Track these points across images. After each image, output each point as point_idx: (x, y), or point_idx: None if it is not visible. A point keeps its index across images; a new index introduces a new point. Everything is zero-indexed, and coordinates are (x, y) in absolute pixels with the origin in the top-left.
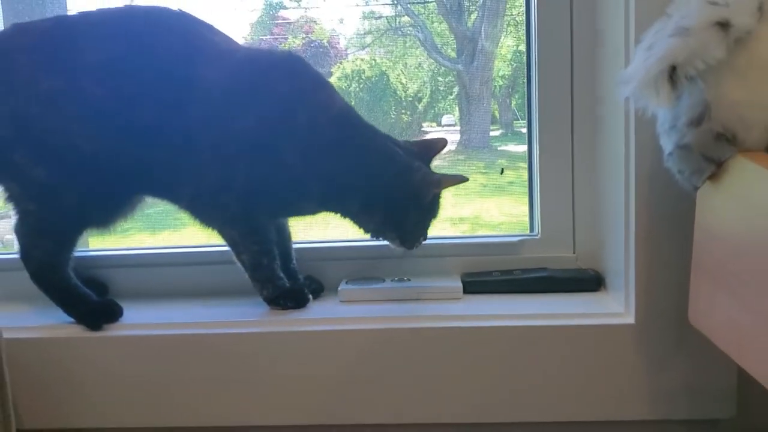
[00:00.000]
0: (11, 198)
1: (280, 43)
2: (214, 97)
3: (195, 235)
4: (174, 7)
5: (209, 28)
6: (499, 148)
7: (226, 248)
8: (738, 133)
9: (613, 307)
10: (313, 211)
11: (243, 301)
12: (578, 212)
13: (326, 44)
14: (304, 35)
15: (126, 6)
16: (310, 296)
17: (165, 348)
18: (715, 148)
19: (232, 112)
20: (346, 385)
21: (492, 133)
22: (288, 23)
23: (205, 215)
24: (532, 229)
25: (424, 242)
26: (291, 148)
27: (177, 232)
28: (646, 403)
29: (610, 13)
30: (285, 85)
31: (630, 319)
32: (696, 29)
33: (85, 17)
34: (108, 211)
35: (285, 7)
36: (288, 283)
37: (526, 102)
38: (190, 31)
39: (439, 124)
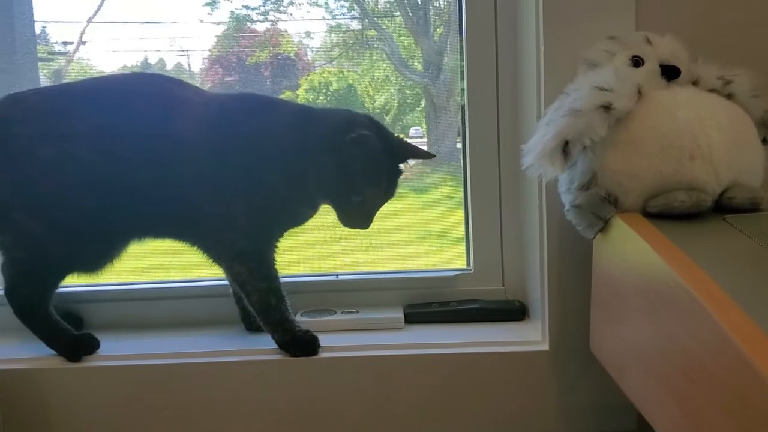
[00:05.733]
0: (2, 246)
1: (248, 56)
2: (198, 150)
3: (164, 246)
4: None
5: (180, 84)
6: None
7: (195, 283)
8: (618, 197)
9: (533, 336)
10: (312, 214)
11: (212, 333)
12: (506, 250)
13: (293, 57)
14: (271, 48)
15: (107, 77)
16: (320, 344)
17: (139, 377)
18: (601, 209)
19: (215, 160)
20: (300, 409)
21: (459, 145)
22: (255, 36)
23: (213, 253)
24: (467, 264)
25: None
26: (274, 175)
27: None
28: (559, 419)
29: (527, 82)
30: (247, 124)
31: (545, 347)
32: (584, 111)
33: (71, 89)
34: (99, 258)
35: (252, 20)
36: (299, 326)
37: (462, 159)
38: (166, 92)
39: (408, 136)
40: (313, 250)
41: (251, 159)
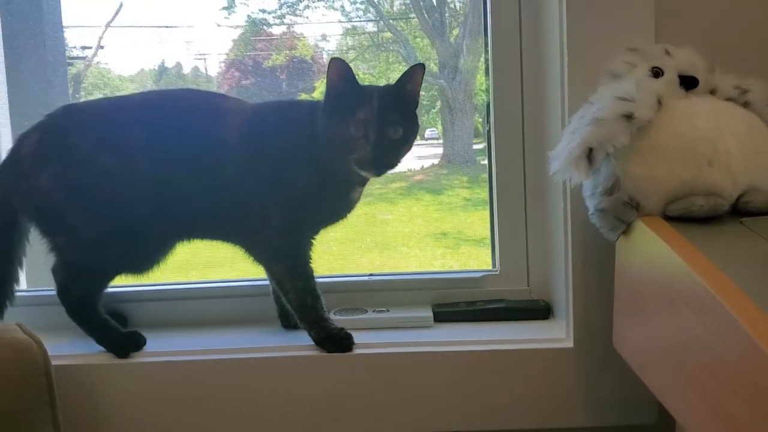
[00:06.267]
0: (55, 249)
1: (264, 59)
2: (236, 153)
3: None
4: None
5: (223, 97)
6: (482, 162)
7: (233, 283)
8: (640, 201)
9: (557, 333)
10: (343, 208)
11: (251, 330)
12: (531, 252)
13: (309, 60)
14: (288, 51)
15: (157, 91)
16: (354, 341)
17: (183, 372)
18: (624, 212)
19: (252, 164)
20: (335, 402)
21: (475, 147)
22: (271, 39)
23: (253, 253)
24: (493, 265)
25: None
26: (296, 171)
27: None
28: (583, 413)
29: (551, 91)
30: (275, 126)
31: (569, 344)
32: (607, 120)
33: (126, 102)
34: (148, 260)
35: (268, 24)
36: (333, 324)
37: (488, 166)
38: (211, 105)
39: (423, 138)
40: (329, 252)
41: (278, 159)
